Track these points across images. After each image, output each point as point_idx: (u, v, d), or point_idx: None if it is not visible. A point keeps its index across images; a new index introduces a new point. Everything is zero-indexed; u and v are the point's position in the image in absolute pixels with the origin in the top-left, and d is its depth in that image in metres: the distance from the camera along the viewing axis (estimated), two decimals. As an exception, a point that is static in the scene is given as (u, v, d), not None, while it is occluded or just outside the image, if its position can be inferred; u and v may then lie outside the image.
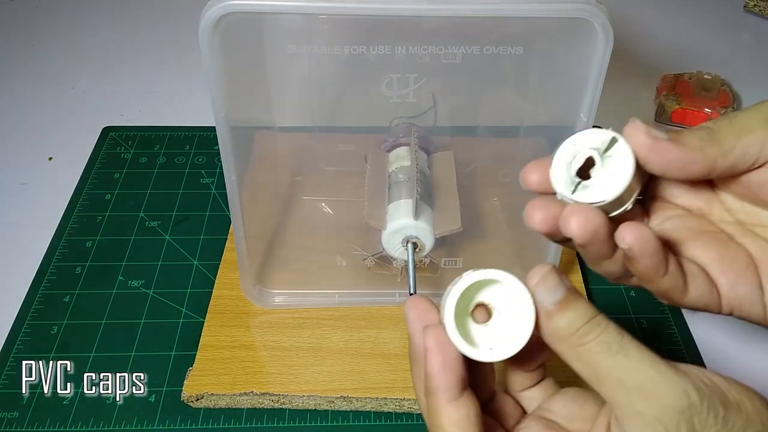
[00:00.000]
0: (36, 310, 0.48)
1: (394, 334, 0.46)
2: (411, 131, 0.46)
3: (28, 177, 0.60)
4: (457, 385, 0.26)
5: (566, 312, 0.26)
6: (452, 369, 0.26)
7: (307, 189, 0.53)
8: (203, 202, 0.57)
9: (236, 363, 0.44)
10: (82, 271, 0.51)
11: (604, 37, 0.34)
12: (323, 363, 0.44)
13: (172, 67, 0.73)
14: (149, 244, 0.53)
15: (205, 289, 0.49)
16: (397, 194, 0.44)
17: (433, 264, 0.47)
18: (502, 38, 0.39)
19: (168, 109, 0.67)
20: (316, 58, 0.41)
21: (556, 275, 0.26)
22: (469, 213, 0.51)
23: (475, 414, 0.26)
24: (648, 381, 0.24)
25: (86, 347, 0.46)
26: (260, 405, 0.43)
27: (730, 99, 0.65)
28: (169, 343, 0.46)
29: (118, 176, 0.59)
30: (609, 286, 0.51)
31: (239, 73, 0.41)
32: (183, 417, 0.43)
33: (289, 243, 0.51)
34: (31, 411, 0.43)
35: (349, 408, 0.43)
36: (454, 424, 0.26)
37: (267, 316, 0.47)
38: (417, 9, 0.33)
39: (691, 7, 0.83)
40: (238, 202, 0.41)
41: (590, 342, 0.25)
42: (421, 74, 0.42)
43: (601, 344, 0.25)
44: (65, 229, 0.54)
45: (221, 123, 0.37)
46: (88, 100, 0.68)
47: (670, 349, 0.47)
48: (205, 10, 0.33)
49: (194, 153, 0.62)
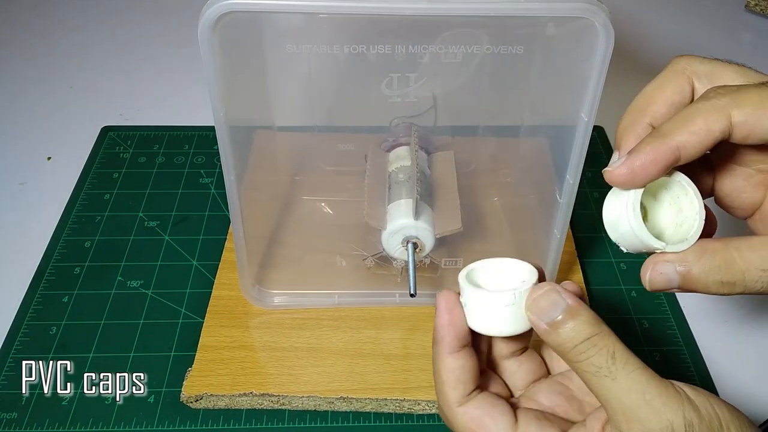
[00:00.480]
0: (35, 310, 0.48)
1: (394, 334, 0.46)
2: (411, 131, 0.46)
3: (27, 177, 0.59)
4: (458, 339, 0.30)
5: (563, 329, 0.28)
6: (455, 326, 0.30)
7: (307, 189, 0.53)
8: (202, 202, 0.57)
9: (236, 363, 0.44)
10: (81, 272, 0.51)
11: (605, 37, 0.34)
12: (323, 363, 0.44)
13: (171, 67, 0.73)
14: (148, 244, 0.53)
15: (205, 290, 0.49)
16: (397, 194, 0.44)
17: (433, 264, 0.47)
18: (502, 38, 0.39)
19: (167, 109, 0.67)
20: (316, 57, 0.41)
21: (555, 294, 0.28)
22: (469, 213, 0.51)
23: (472, 367, 0.30)
24: (632, 406, 0.26)
25: (85, 347, 0.46)
26: (260, 406, 0.43)
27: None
28: (169, 344, 0.46)
29: (117, 176, 0.59)
30: (609, 287, 0.51)
31: (239, 72, 0.40)
32: (182, 417, 0.42)
33: (288, 243, 0.51)
34: (30, 411, 0.42)
35: (349, 408, 0.43)
36: (451, 372, 0.30)
37: (266, 317, 0.47)
38: (417, 9, 0.33)
39: (692, 6, 0.83)
40: (238, 202, 0.41)
41: (582, 362, 0.27)
42: (421, 74, 0.41)
43: (591, 366, 0.27)
44: (64, 229, 0.54)
45: (221, 123, 0.37)
46: (87, 100, 0.68)
47: (671, 349, 0.46)
48: (205, 9, 0.33)
49: (193, 153, 0.61)
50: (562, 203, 0.41)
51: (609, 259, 0.53)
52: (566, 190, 0.40)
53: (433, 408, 0.43)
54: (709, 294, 0.29)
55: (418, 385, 0.43)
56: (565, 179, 0.40)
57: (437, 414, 0.43)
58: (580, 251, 0.52)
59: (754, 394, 0.45)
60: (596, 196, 0.57)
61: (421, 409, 0.43)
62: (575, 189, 0.40)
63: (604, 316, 0.49)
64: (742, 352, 0.47)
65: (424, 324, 0.47)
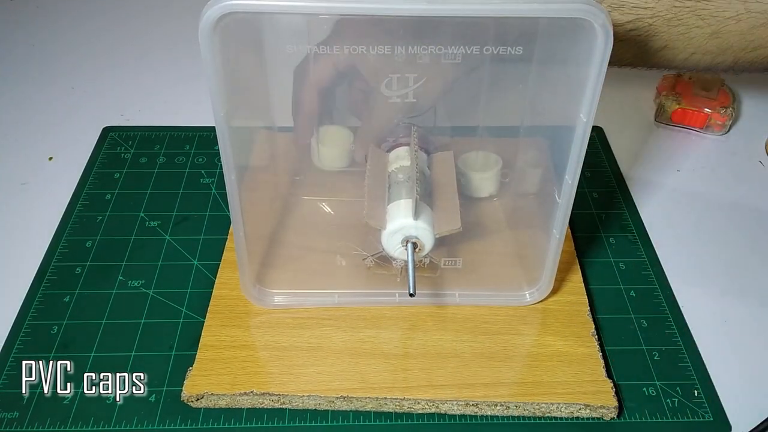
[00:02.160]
0: (36, 310, 0.48)
1: (393, 334, 0.46)
2: (411, 131, 0.46)
3: (28, 177, 0.60)
4: None
5: None
6: None
7: (307, 189, 0.53)
8: (203, 202, 0.57)
9: (236, 363, 0.44)
10: (82, 271, 0.51)
11: (604, 37, 0.34)
12: (323, 363, 0.44)
13: (172, 67, 0.73)
14: (149, 244, 0.53)
15: (205, 289, 0.49)
16: (397, 194, 0.44)
17: (433, 264, 0.47)
18: (502, 38, 0.39)
19: (168, 109, 0.67)
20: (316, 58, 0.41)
21: None
22: (469, 213, 0.51)
23: None
24: None
25: (86, 347, 0.46)
26: (260, 405, 0.43)
27: (730, 99, 0.65)
28: (169, 343, 0.46)
29: (118, 176, 0.59)
30: (609, 286, 0.51)
31: (239, 72, 0.41)
32: (183, 417, 0.43)
33: (289, 243, 0.51)
34: (31, 411, 0.43)
35: (349, 408, 0.43)
36: None
37: (267, 316, 0.47)
38: (417, 9, 0.33)
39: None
40: (238, 202, 0.41)
41: None
42: (421, 74, 0.42)
43: None
44: (65, 229, 0.54)
45: (221, 123, 0.37)
46: (88, 100, 0.68)
47: (670, 349, 0.47)
48: (205, 10, 0.33)
49: (194, 153, 0.62)
50: (561, 203, 0.41)
51: (608, 259, 0.53)
52: (565, 190, 0.41)
53: (432, 407, 0.43)
54: None
55: (418, 384, 0.43)
56: (564, 179, 0.40)
57: (437, 413, 0.43)
58: (580, 251, 0.52)
59: (754, 394, 0.45)
60: (595, 196, 0.57)
61: (421, 408, 0.43)
62: (574, 189, 0.40)
63: (604, 315, 0.50)
64: (742, 352, 0.47)
65: (423, 323, 0.47)
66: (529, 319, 0.47)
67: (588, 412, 0.42)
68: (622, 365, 0.46)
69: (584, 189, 0.58)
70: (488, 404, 0.42)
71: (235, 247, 0.44)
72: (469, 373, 0.44)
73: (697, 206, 0.58)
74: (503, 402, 0.42)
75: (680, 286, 0.51)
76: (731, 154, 0.64)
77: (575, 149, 0.38)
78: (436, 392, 0.43)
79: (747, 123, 0.67)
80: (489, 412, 0.43)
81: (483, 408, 0.43)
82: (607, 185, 0.59)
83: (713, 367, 0.46)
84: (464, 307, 0.48)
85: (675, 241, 0.55)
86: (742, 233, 0.56)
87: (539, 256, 0.46)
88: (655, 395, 0.44)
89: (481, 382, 0.43)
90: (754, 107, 0.69)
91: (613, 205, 0.57)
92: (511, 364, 0.44)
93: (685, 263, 0.53)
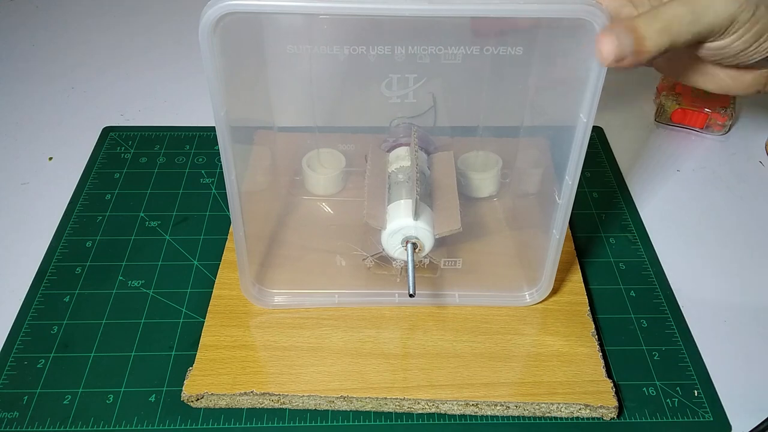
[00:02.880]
0: (36, 310, 0.48)
1: (394, 334, 0.46)
2: (411, 131, 0.46)
3: (29, 177, 0.60)
4: None
5: None
6: None
7: (307, 189, 0.53)
8: (203, 202, 0.57)
9: (236, 363, 0.44)
10: (82, 271, 0.51)
11: (604, 38, 0.34)
12: (323, 363, 0.44)
13: (172, 67, 0.73)
14: (149, 244, 0.53)
15: (205, 289, 0.49)
16: (397, 194, 0.44)
17: (433, 264, 0.47)
18: (502, 38, 0.39)
19: (168, 109, 0.67)
20: (316, 58, 0.41)
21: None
22: (469, 213, 0.51)
23: None
24: None
25: (86, 347, 0.46)
26: (260, 405, 0.43)
27: (730, 99, 0.65)
28: (169, 343, 0.46)
29: (119, 176, 0.59)
30: (609, 286, 0.51)
31: (239, 72, 0.41)
32: (183, 417, 0.43)
33: (288, 243, 0.51)
34: (31, 411, 0.43)
35: (349, 408, 0.43)
36: None
37: (267, 316, 0.47)
38: (417, 9, 0.33)
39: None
40: (238, 202, 0.41)
41: None
42: (421, 74, 0.42)
43: None
44: (65, 229, 0.54)
45: (221, 123, 0.37)
46: (88, 100, 0.68)
47: (670, 349, 0.47)
48: (205, 10, 0.33)
49: (194, 153, 0.62)
50: (561, 203, 0.41)
51: (608, 259, 0.53)
52: (565, 190, 0.41)
53: (432, 407, 0.43)
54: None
55: (418, 384, 0.43)
56: (564, 180, 0.40)
57: (437, 413, 0.43)
58: (580, 251, 0.52)
59: (754, 394, 0.45)
60: (595, 196, 0.57)
61: (421, 408, 0.43)
62: (574, 189, 0.40)
63: (604, 315, 0.50)
64: (742, 352, 0.47)
65: (423, 323, 0.47)
66: (529, 319, 0.47)
67: (588, 412, 0.42)
68: (622, 365, 0.46)
69: (584, 189, 0.58)
70: (488, 404, 0.42)
71: (235, 247, 0.44)
72: (469, 373, 0.44)
73: (697, 206, 0.58)
74: (503, 402, 0.42)
75: (680, 286, 0.51)
76: (731, 154, 0.64)
77: (575, 149, 0.38)
78: (436, 392, 0.43)
79: (747, 123, 0.67)
80: (489, 412, 0.43)
81: (483, 408, 0.43)
82: (607, 185, 0.59)
83: (713, 367, 0.46)
84: (464, 307, 0.48)
85: (675, 241, 0.55)
86: (742, 233, 0.56)
87: (539, 257, 0.46)
88: (655, 395, 0.44)
89: (481, 382, 0.43)
90: (754, 107, 0.69)
91: (613, 205, 0.57)
92: (511, 364, 0.44)
93: (685, 263, 0.53)
